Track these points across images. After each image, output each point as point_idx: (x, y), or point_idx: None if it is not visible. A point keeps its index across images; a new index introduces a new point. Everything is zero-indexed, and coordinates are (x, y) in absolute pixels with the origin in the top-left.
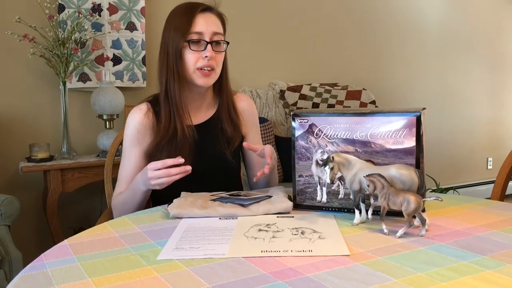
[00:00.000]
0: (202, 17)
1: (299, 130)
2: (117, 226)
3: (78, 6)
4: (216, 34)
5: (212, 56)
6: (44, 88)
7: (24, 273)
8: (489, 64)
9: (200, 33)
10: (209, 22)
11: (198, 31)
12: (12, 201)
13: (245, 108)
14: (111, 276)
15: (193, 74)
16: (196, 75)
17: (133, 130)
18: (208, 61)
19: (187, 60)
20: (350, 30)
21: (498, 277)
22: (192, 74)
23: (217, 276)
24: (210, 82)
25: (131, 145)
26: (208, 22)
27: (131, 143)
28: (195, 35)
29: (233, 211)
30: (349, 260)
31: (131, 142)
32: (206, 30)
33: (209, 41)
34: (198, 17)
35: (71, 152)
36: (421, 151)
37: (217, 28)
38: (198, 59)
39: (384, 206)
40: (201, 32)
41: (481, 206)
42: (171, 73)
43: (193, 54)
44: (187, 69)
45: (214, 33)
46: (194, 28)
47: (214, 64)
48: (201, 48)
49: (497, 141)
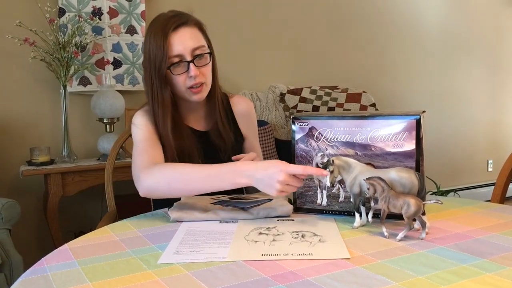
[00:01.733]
0: (177, 37)
1: (299, 133)
2: (118, 230)
3: (78, 10)
4: (196, 49)
5: (196, 74)
6: (44, 92)
7: (25, 277)
8: (489, 66)
9: (179, 55)
10: (185, 39)
11: (176, 54)
12: (12, 205)
13: (244, 111)
14: (112, 280)
15: (185, 93)
16: (188, 94)
17: (143, 127)
18: (195, 80)
19: (175, 84)
20: (350, 33)
21: (498, 280)
22: (184, 94)
23: (218, 280)
24: (204, 95)
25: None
26: (184, 39)
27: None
28: (175, 58)
29: (234, 214)
30: (349, 263)
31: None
32: (184, 49)
33: (191, 60)
34: (173, 38)
35: (72, 155)
36: (421, 154)
37: (196, 43)
38: (185, 80)
39: (384, 209)
40: (179, 54)
41: (481, 208)
42: (156, 100)
43: (179, 77)
44: (179, 90)
45: (194, 49)
46: (172, 52)
47: (202, 79)
48: (184, 69)
49: (497, 143)
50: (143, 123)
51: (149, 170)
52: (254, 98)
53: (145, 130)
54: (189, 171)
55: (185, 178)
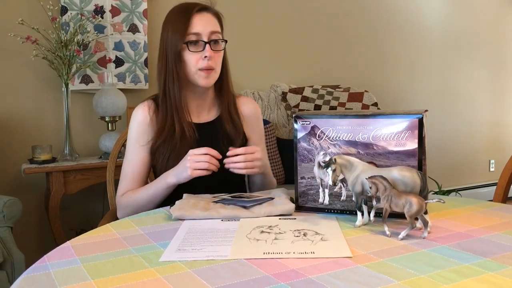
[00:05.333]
0: (199, 17)
1: (301, 132)
2: (120, 228)
3: (80, 8)
4: (213, 33)
5: (211, 55)
6: (46, 90)
7: (27, 274)
8: (492, 66)
9: (197, 34)
10: (206, 22)
11: (195, 32)
12: (14, 203)
13: (250, 112)
14: (114, 277)
15: (195, 75)
16: (198, 76)
17: (137, 125)
18: (208, 62)
19: (188, 62)
20: (352, 32)
21: (500, 279)
22: (194, 75)
23: (219, 278)
24: (211, 82)
25: (136, 141)
26: (205, 22)
27: (135, 138)
28: (193, 36)
29: (235, 213)
30: (351, 262)
31: (135, 137)
32: (203, 30)
33: (207, 41)
34: (195, 17)
35: (74, 154)
36: (423, 153)
37: (214, 27)
38: (198, 60)
39: (386, 208)
40: (198, 33)
41: (483, 208)
42: (170, 74)
43: (193, 55)
44: (189, 71)
45: (212, 32)
46: (192, 29)
47: (213, 64)
48: (199, 48)
49: (499, 143)
50: (135, 117)
51: (119, 204)
52: (256, 97)
53: (135, 128)
54: (138, 196)
55: (138, 203)
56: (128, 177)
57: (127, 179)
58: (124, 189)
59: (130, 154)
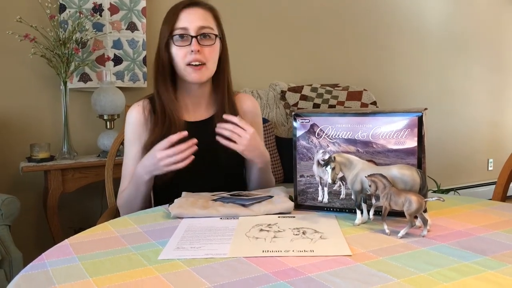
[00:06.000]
0: (187, 12)
1: (300, 130)
2: (118, 226)
3: (79, 6)
4: (203, 28)
5: (198, 50)
6: (45, 88)
7: (25, 272)
8: (490, 65)
9: (184, 28)
10: (194, 17)
11: (182, 27)
12: (12, 201)
13: (249, 109)
14: (112, 275)
15: (184, 71)
16: (187, 72)
17: (132, 126)
18: (195, 55)
19: (175, 56)
20: (351, 31)
21: (500, 278)
22: (183, 71)
23: (218, 276)
24: (202, 78)
25: (131, 141)
26: (193, 16)
27: (131, 139)
28: (180, 30)
29: (234, 211)
30: (350, 260)
31: (131, 138)
32: (190, 25)
33: (194, 35)
34: (183, 12)
35: (72, 152)
36: (423, 151)
37: (204, 22)
38: (186, 55)
39: (386, 206)
40: (185, 27)
41: (483, 206)
42: (161, 72)
43: (179, 49)
44: (178, 66)
45: (201, 27)
46: (179, 24)
47: (202, 58)
48: (186, 43)
49: (498, 142)
50: (130, 117)
51: (118, 202)
52: (255, 95)
53: (130, 128)
54: (125, 194)
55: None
56: (125, 178)
57: (124, 180)
58: (121, 191)
59: (127, 155)
